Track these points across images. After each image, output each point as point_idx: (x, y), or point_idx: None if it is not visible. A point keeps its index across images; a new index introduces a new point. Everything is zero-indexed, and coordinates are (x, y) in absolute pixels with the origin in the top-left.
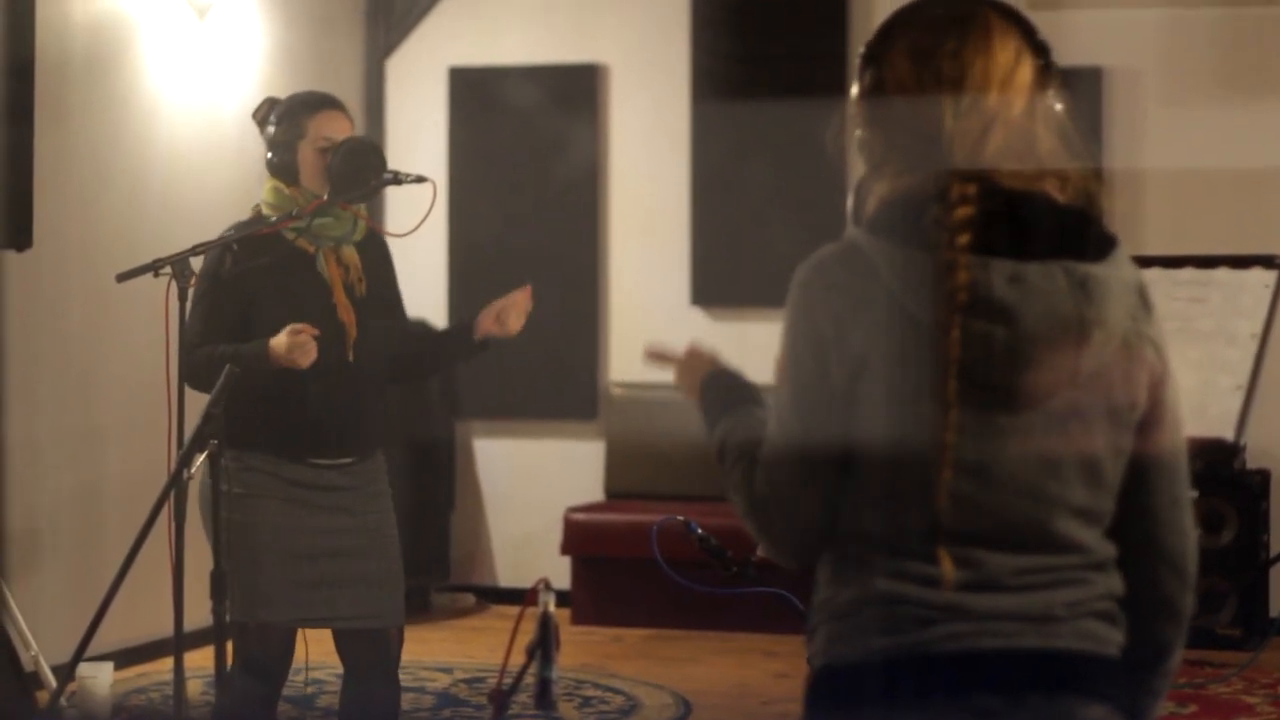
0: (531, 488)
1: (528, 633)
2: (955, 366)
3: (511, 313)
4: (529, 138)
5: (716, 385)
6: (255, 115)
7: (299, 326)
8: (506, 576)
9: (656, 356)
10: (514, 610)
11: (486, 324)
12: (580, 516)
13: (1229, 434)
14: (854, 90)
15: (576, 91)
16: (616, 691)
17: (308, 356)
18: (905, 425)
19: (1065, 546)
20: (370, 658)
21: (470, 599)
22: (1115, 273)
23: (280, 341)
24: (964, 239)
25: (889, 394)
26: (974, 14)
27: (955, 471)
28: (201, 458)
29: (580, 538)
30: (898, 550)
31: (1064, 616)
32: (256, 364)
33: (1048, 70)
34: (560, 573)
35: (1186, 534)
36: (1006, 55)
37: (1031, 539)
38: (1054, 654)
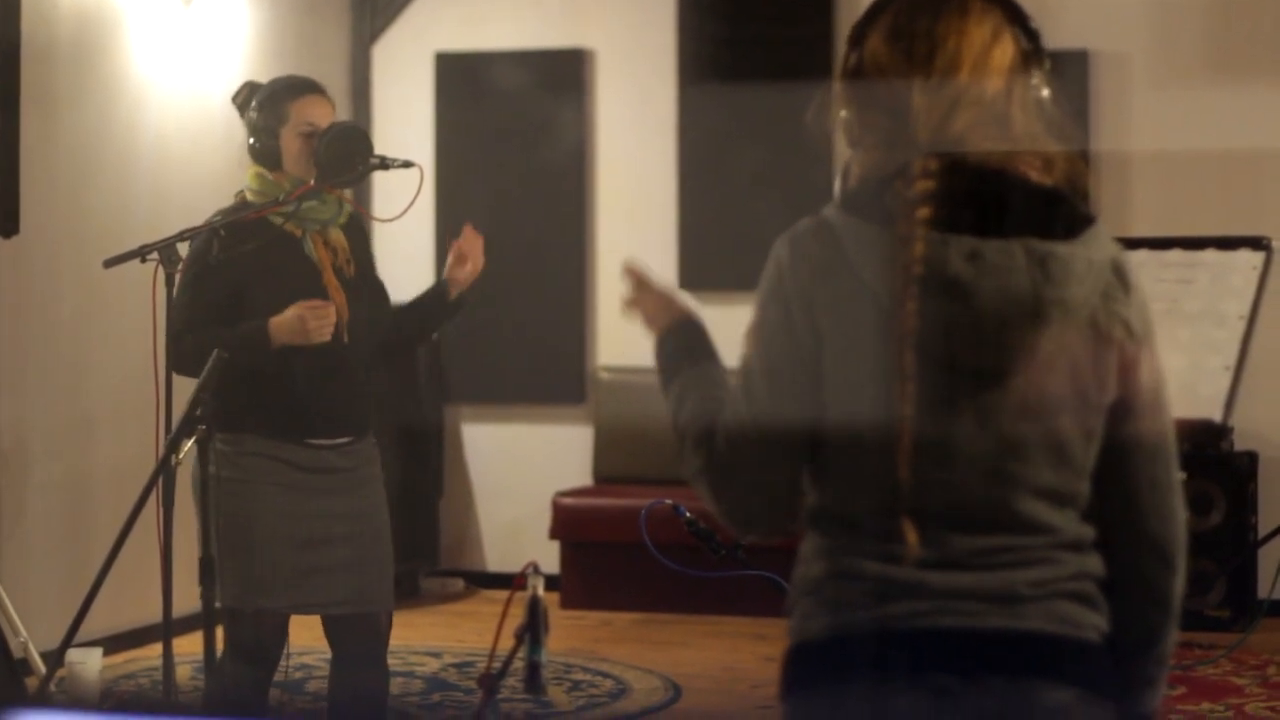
0: (520, 472)
1: (516, 616)
2: (911, 341)
3: (468, 255)
4: (516, 122)
5: (680, 332)
6: (235, 100)
7: (312, 302)
8: (495, 561)
9: (633, 275)
10: (503, 595)
11: (455, 276)
12: (569, 501)
13: (1217, 415)
14: (838, 69)
15: (563, 76)
16: (606, 675)
17: (327, 328)
18: (867, 401)
19: (1031, 526)
20: (360, 642)
21: (459, 584)
22: (1082, 251)
23: (288, 319)
24: (923, 213)
25: (850, 368)
26: None
27: (915, 449)
28: (189, 443)
29: (569, 522)
30: (861, 526)
31: (1029, 596)
32: (254, 346)
33: (1035, 54)
34: (549, 557)
35: (1170, 517)
36: (982, 34)
37: (993, 518)
38: (1021, 635)
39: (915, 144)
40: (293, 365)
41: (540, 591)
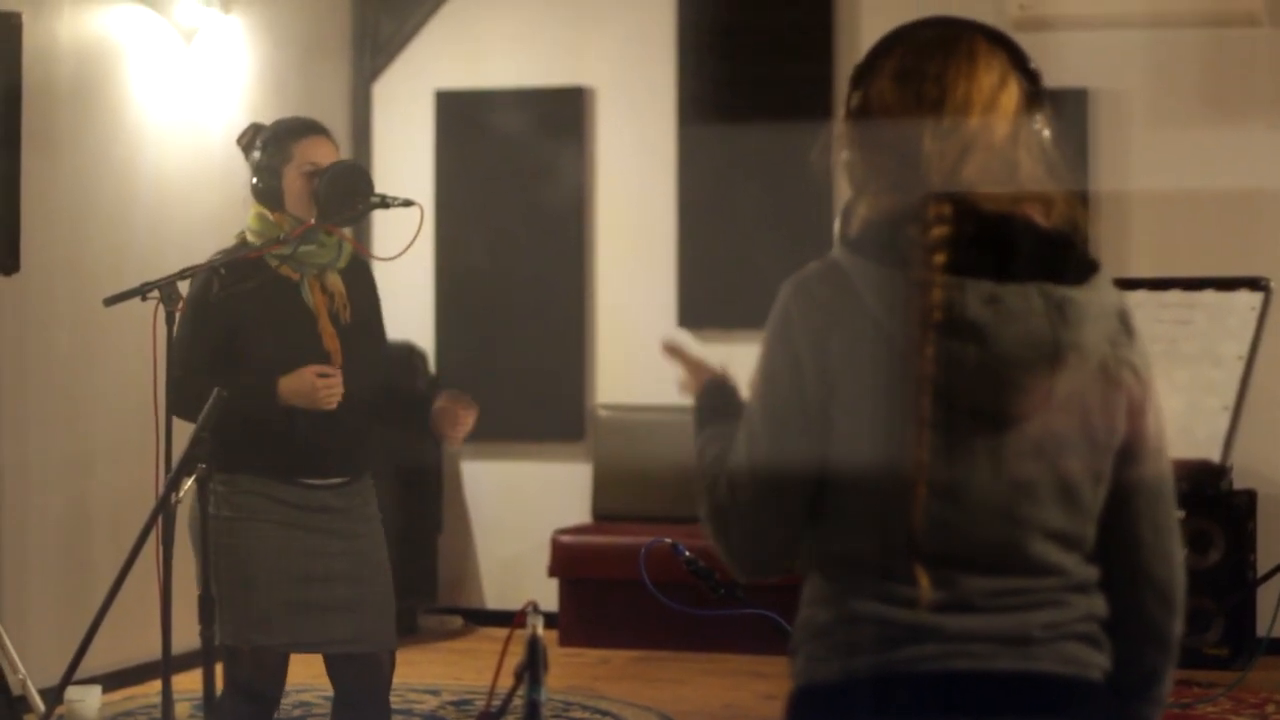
0: (519, 510)
1: (515, 654)
2: (929, 385)
3: (461, 423)
4: (516, 161)
5: (713, 392)
6: (240, 141)
7: (324, 369)
8: (494, 599)
9: (672, 352)
10: (501, 632)
11: (441, 430)
12: (568, 539)
13: (1216, 455)
14: (841, 112)
15: (563, 114)
16: (604, 713)
17: (336, 396)
18: (880, 445)
19: (1041, 569)
20: (361, 682)
21: (458, 621)
22: (1095, 296)
23: (300, 387)
24: (940, 259)
25: (864, 412)
26: (960, 37)
27: (929, 492)
28: (189, 481)
29: (568, 560)
30: (872, 570)
31: (1041, 638)
32: (263, 405)
33: (1036, 96)
34: (548, 595)
35: (1171, 560)
36: (990, 79)
37: (1006, 560)
38: (1031, 676)
39: (926, 188)
40: (289, 409)
41: (540, 630)
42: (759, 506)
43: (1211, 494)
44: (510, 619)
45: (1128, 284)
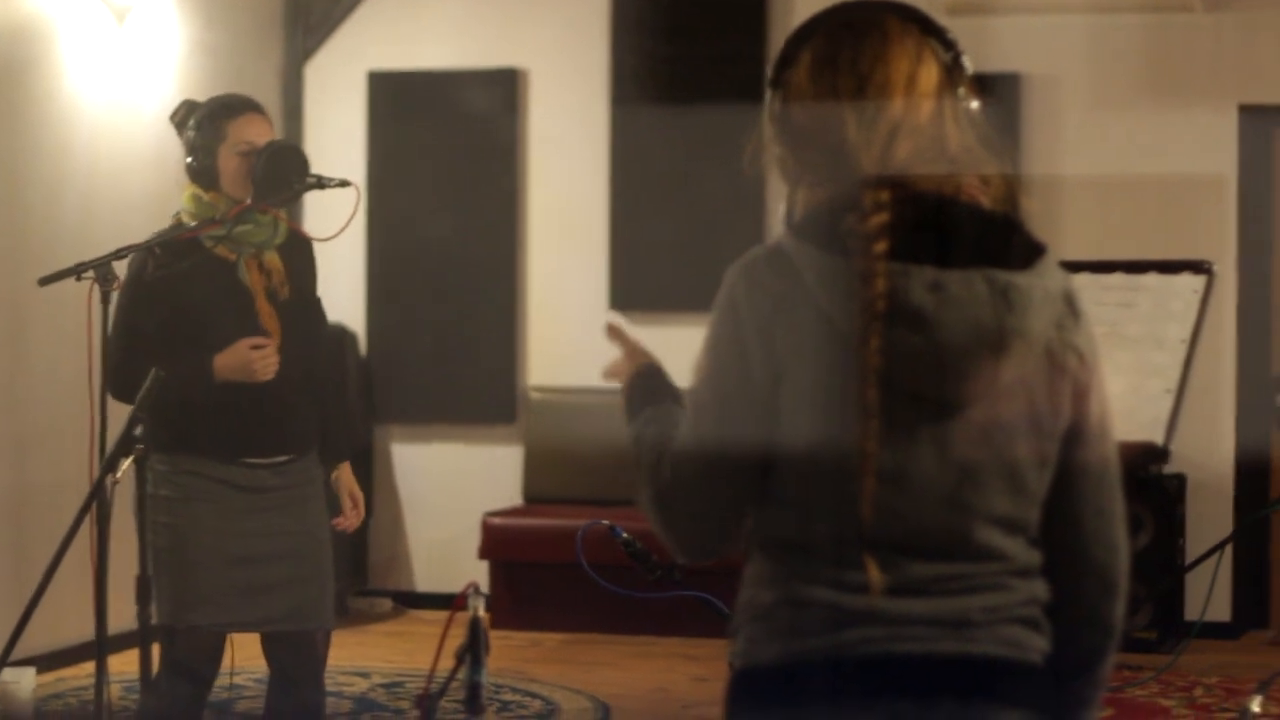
0: (450, 492)
1: (455, 637)
2: (875, 375)
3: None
4: (448, 142)
5: (644, 379)
6: (173, 118)
7: (257, 340)
8: (424, 581)
9: (615, 334)
10: (432, 615)
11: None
12: (499, 521)
13: (1159, 438)
14: (766, 109)
15: (496, 95)
16: (535, 696)
17: (272, 367)
18: (825, 431)
19: (985, 554)
20: (297, 661)
21: (388, 604)
22: (1039, 281)
23: (234, 361)
24: (881, 247)
25: (810, 399)
26: (870, 21)
27: (875, 478)
28: (128, 462)
29: (499, 542)
30: (817, 554)
31: (981, 621)
32: (200, 384)
33: (957, 68)
34: (479, 577)
35: (1114, 544)
36: (906, 59)
37: (950, 546)
38: (972, 659)
39: (859, 176)
40: (225, 387)
41: (481, 612)
42: (705, 489)
43: (1143, 477)
44: (440, 602)
45: (1072, 267)
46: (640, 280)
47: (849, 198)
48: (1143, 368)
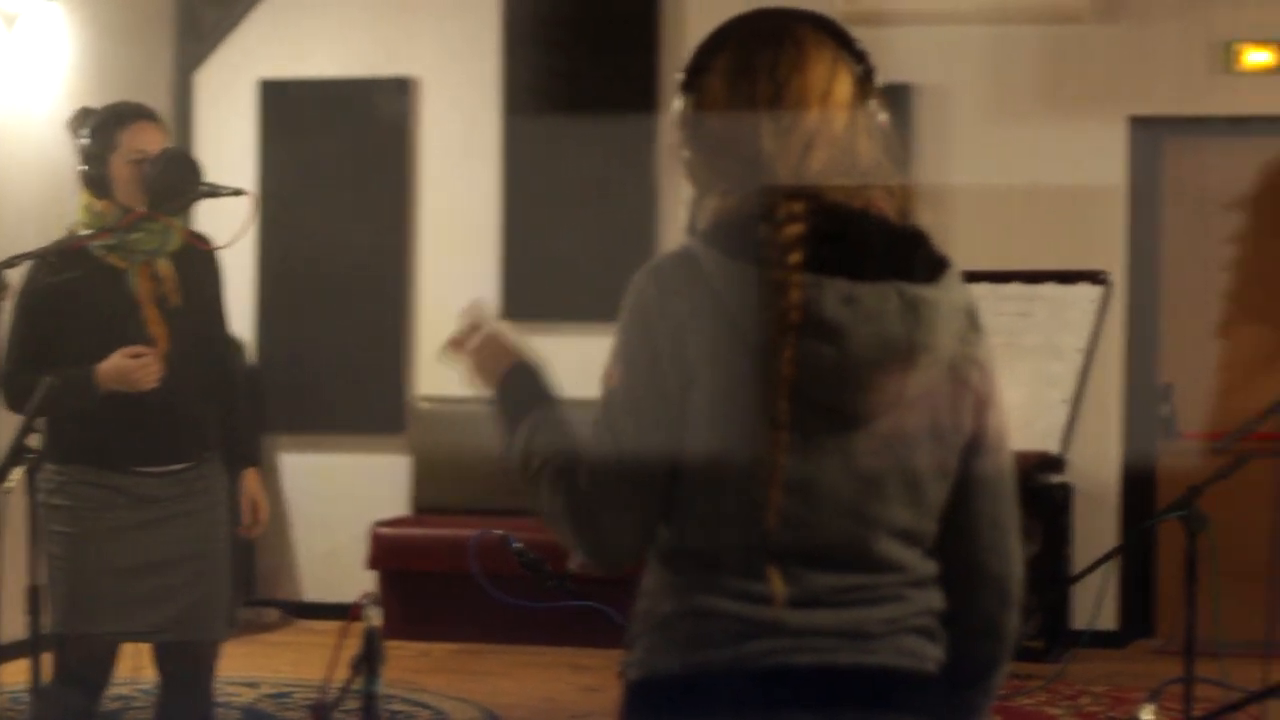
0: (337, 502)
1: (348, 648)
2: (784, 384)
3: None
4: (339, 150)
5: (518, 382)
6: (69, 124)
7: (136, 349)
8: (311, 591)
9: (454, 345)
10: (320, 625)
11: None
12: (388, 531)
13: (1054, 447)
14: (675, 113)
15: (388, 104)
16: (424, 706)
17: (152, 375)
18: (732, 441)
19: (885, 565)
20: (188, 670)
21: (275, 614)
22: (946, 295)
23: (112, 369)
24: (795, 258)
25: (718, 408)
26: (786, 29)
27: (780, 489)
28: (19, 472)
29: (388, 552)
30: (718, 565)
31: (880, 633)
32: (84, 394)
33: (868, 80)
34: (367, 587)
35: (1009, 555)
36: (822, 70)
37: (851, 557)
38: (870, 670)
39: (773, 186)
40: (114, 396)
41: (376, 622)
42: (629, 496)
43: (1030, 487)
44: (328, 611)
45: (970, 277)
46: (532, 290)
47: (761, 206)
48: (1040, 377)
